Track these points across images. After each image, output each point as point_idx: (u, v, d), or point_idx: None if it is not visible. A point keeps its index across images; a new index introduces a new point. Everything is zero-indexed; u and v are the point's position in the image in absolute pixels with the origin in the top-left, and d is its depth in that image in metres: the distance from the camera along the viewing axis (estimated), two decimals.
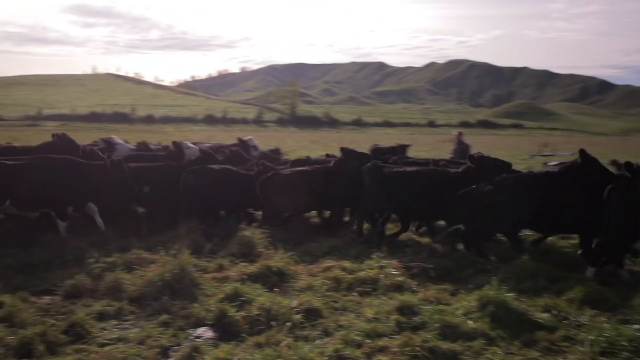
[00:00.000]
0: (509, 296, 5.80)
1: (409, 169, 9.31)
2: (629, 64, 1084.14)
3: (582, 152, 7.79)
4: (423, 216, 9.41)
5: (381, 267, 7.14)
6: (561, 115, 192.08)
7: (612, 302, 5.94)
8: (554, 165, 12.52)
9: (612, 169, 8.69)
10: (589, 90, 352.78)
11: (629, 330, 5.04)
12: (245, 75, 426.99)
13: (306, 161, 11.53)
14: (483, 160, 8.67)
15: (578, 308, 5.82)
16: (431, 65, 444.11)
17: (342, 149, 10.17)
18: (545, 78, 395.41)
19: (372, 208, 9.41)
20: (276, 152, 13.94)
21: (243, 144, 13.09)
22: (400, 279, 6.80)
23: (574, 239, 8.62)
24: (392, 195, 8.90)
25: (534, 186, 7.84)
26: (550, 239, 9.09)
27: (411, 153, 14.00)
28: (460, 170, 8.93)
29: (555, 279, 6.76)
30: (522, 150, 37.44)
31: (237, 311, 5.66)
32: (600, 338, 4.90)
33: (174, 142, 11.56)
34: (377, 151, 14.69)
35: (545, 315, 5.60)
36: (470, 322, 5.37)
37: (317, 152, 19.39)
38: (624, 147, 45.97)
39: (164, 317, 5.66)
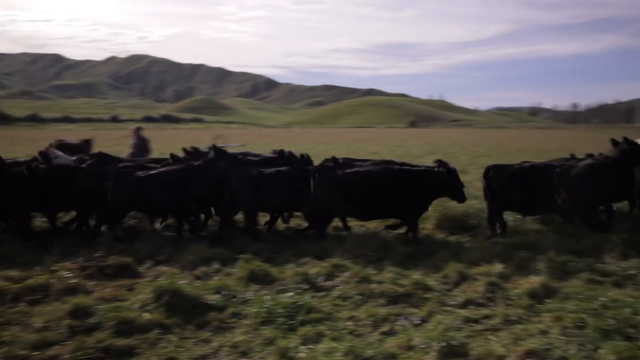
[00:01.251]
0: (183, 283, 6.08)
1: (361, 169, 9.07)
2: (290, 64, 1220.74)
3: None
4: (378, 215, 9.11)
5: (53, 272, 6.73)
6: (237, 110, 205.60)
7: (273, 275, 6.70)
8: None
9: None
10: (259, 87, 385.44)
11: (285, 298, 5.81)
12: None
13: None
14: (444, 163, 8.89)
15: (245, 285, 6.42)
16: (112, 59, 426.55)
17: (214, 147, 9.57)
18: (222, 75, 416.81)
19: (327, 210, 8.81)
20: None
21: None
22: (74, 281, 6.48)
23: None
24: (348, 196, 8.53)
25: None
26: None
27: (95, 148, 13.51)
28: (420, 169, 8.95)
29: (227, 261, 7.30)
30: (202, 143, 38.77)
31: None
32: (261, 309, 5.52)
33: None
34: (64, 147, 13.60)
35: (216, 296, 6.02)
36: (146, 315, 5.44)
37: None
38: (288, 138, 51.75)
39: None
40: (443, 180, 8.51)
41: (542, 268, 6.70)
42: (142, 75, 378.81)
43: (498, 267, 6.73)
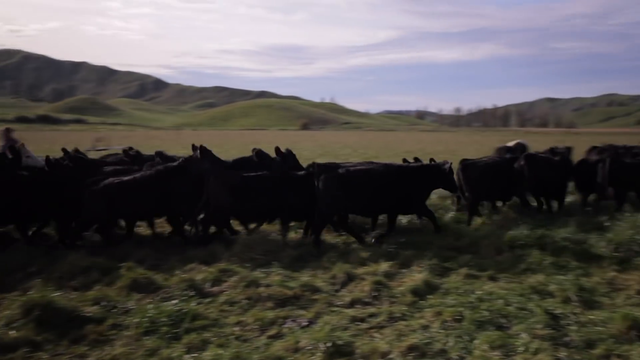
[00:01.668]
0: (56, 296, 5.66)
1: (366, 167, 9.10)
2: (179, 64, 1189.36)
3: None
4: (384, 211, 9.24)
5: None
6: (123, 111, 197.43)
7: (157, 283, 6.43)
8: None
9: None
10: (147, 88, 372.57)
11: (169, 306, 5.59)
12: None
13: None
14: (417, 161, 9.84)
15: (126, 295, 6.11)
16: None
17: (200, 147, 9.03)
18: (106, 74, 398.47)
19: (333, 210, 8.72)
20: None
21: None
22: None
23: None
24: (354, 194, 8.58)
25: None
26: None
27: None
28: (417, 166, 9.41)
29: (108, 271, 6.90)
30: (83, 145, 36.73)
31: None
32: (144, 319, 5.26)
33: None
34: None
35: (95, 307, 5.68)
36: (12, 332, 5.00)
37: None
38: (177, 140, 50.34)
39: None
40: (444, 174, 9.13)
41: (425, 265, 6.97)
42: (14, 72, 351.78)
43: (384, 266, 6.93)
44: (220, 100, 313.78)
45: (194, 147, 9.16)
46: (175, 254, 7.79)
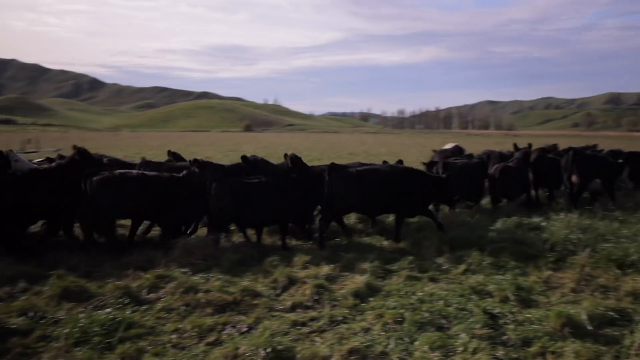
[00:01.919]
0: None
1: (373, 168, 9.40)
2: (117, 63, 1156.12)
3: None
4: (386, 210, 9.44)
5: None
6: (56, 111, 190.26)
7: (90, 291, 6.14)
8: (40, 161, 12.20)
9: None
10: (82, 87, 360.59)
11: (102, 315, 5.32)
12: None
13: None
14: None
15: (56, 304, 5.79)
16: None
17: (197, 161, 9.08)
18: (38, 72, 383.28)
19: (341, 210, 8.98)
20: None
21: None
22: None
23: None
24: (359, 194, 8.68)
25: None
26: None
27: None
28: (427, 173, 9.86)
29: (37, 279, 6.55)
30: (12, 147, 35.06)
31: None
32: (74, 330, 4.99)
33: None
34: None
35: (21, 319, 5.36)
36: None
37: None
38: (115, 141, 48.91)
39: None
40: (444, 184, 9.40)
41: (367, 268, 6.97)
42: None
43: (325, 269, 6.88)
44: (160, 101, 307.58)
45: (192, 162, 9.26)
46: (110, 260, 7.48)
